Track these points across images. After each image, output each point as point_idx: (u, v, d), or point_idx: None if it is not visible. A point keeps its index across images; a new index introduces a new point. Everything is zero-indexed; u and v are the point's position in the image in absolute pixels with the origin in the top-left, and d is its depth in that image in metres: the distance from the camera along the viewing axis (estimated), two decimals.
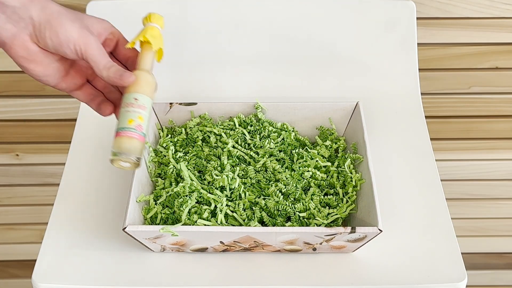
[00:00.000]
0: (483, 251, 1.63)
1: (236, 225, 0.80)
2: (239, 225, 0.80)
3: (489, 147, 1.41)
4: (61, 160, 1.41)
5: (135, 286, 0.79)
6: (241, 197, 0.83)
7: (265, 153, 0.89)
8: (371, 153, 0.87)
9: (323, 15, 1.06)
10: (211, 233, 0.76)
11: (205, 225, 0.79)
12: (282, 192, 0.83)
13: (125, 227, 0.75)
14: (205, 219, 0.79)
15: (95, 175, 0.93)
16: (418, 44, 1.07)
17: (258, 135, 0.92)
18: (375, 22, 1.06)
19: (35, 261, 0.81)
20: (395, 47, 1.06)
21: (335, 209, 0.82)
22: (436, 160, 0.95)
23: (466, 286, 0.79)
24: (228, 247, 0.80)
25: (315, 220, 0.80)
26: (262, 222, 0.81)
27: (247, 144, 0.91)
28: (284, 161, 0.89)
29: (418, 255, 0.82)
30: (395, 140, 0.98)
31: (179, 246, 0.80)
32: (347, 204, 0.82)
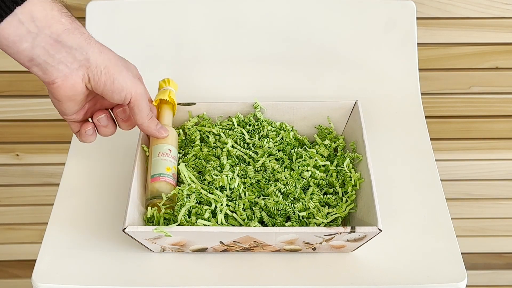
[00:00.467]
0: (483, 251, 1.63)
1: (236, 225, 0.80)
2: (239, 225, 0.80)
3: (489, 147, 1.41)
4: (61, 160, 1.41)
5: (135, 286, 0.79)
6: (241, 197, 0.83)
7: (264, 152, 0.89)
8: (370, 152, 0.87)
9: (322, 15, 1.06)
10: (211, 234, 0.76)
11: (205, 225, 0.78)
12: (281, 191, 0.83)
13: (125, 228, 0.75)
14: (206, 219, 0.79)
15: (95, 175, 0.93)
16: (418, 44, 1.07)
17: (257, 135, 0.92)
18: (375, 22, 1.06)
19: (35, 261, 0.81)
20: (395, 47, 1.06)
21: (334, 208, 0.82)
22: (436, 160, 0.95)
23: (466, 286, 0.79)
24: (228, 247, 0.80)
25: (315, 219, 0.80)
26: (262, 222, 0.81)
27: (246, 143, 0.91)
28: (283, 160, 0.89)
29: (418, 255, 0.82)
30: (395, 140, 0.98)
31: (179, 246, 0.80)
32: (346, 203, 0.82)
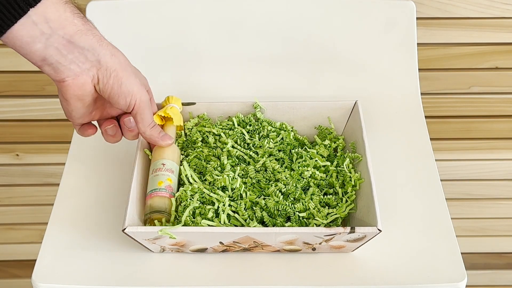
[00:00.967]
0: (483, 251, 1.63)
1: (238, 225, 0.80)
2: (241, 225, 0.80)
3: (489, 147, 1.41)
4: (61, 160, 1.41)
5: (135, 286, 0.79)
6: (242, 197, 0.83)
7: (264, 152, 0.88)
8: (370, 152, 0.87)
9: (322, 14, 1.06)
10: (211, 234, 0.76)
11: (209, 225, 0.79)
12: (282, 192, 0.83)
13: (125, 228, 0.75)
14: (209, 219, 0.79)
15: (95, 175, 0.93)
16: (418, 44, 1.07)
17: (257, 135, 0.92)
18: (375, 22, 1.06)
19: (35, 261, 0.81)
20: (395, 47, 1.06)
21: (334, 208, 0.82)
22: (436, 160, 0.95)
23: (466, 286, 0.79)
24: (227, 248, 0.80)
25: (315, 220, 0.80)
26: (262, 222, 0.81)
27: (246, 144, 0.91)
28: (283, 160, 0.88)
29: (418, 255, 0.82)
30: (395, 140, 0.98)
31: (179, 246, 0.80)
32: (346, 203, 0.82)
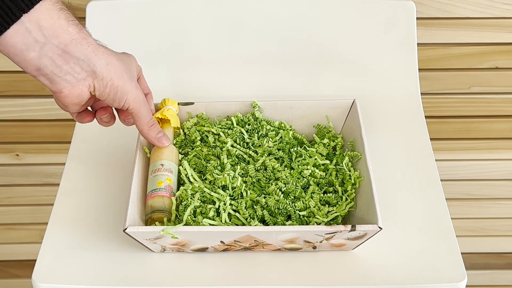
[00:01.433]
0: (483, 251, 1.63)
1: (238, 224, 0.80)
2: (242, 224, 0.80)
3: (489, 147, 1.41)
4: (61, 160, 1.41)
5: (135, 286, 0.79)
6: (242, 196, 0.83)
7: (263, 152, 0.89)
8: (370, 152, 0.87)
9: (322, 14, 1.06)
10: (212, 233, 0.76)
11: (211, 224, 0.79)
12: (282, 190, 0.83)
13: (126, 228, 0.75)
14: (210, 218, 0.80)
15: (95, 175, 0.93)
16: (418, 44, 1.07)
17: (256, 134, 0.92)
18: (375, 22, 1.06)
19: (35, 261, 0.81)
20: (395, 47, 1.06)
21: (334, 207, 0.82)
22: (436, 160, 0.95)
23: (466, 286, 0.79)
24: (228, 247, 0.80)
25: (315, 218, 0.80)
26: (263, 221, 0.81)
27: (246, 143, 0.91)
28: (283, 159, 0.89)
29: (418, 254, 0.82)
30: (395, 140, 0.98)
31: (180, 246, 0.80)
32: (346, 202, 0.82)
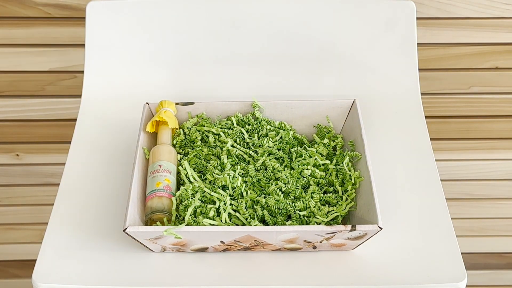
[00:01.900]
0: (483, 251, 1.63)
1: (239, 224, 0.80)
2: (242, 224, 0.80)
3: (489, 147, 1.41)
4: (61, 160, 1.41)
5: (135, 286, 0.79)
6: (242, 196, 0.83)
7: (264, 152, 0.88)
8: (370, 152, 0.87)
9: (322, 14, 1.06)
10: (212, 233, 0.76)
11: (211, 224, 0.79)
12: (282, 190, 0.83)
13: (126, 228, 0.75)
14: (211, 218, 0.79)
15: (95, 175, 0.93)
16: (418, 44, 1.07)
17: (256, 134, 0.92)
18: (375, 22, 1.06)
19: (35, 261, 0.81)
20: (395, 47, 1.06)
21: (334, 207, 0.82)
22: (436, 160, 0.95)
23: (466, 286, 0.79)
24: (228, 247, 0.80)
25: (315, 218, 0.80)
26: (263, 220, 0.81)
27: (246, 143, 0.91)
28: (283, 159, 0.89)
29: (418, 254, 0.82)
30: (395, 140, 0.98)
31: (180, 246, 0.80)
32: (346, 202, 0.82)
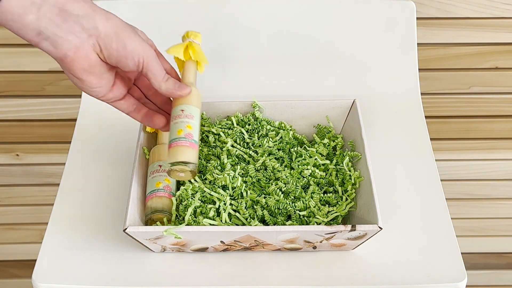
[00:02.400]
0: (483, 251, 1.63)
1: (239, 224, 0.80)
2: (242, 224, 0.80)
3: (489, 147, 1.41)
4: (61, 160, 1.41)
5: (135, 286, 0.79)
6: (242, 196, 0.83)
7: (264, 152, 0.89)
8: (370, 151, 0.87)
9: (323, 14, 1.06)
10: (212, 233, 0.76)
11: (211, 224, 0.79)
12: (282, 190, 0.83)
13: (126, 228, 0.75)
14: (211, 218, 0.79)
15: (95, 175, 0.93)
16: (418, 44, 1.07)
17: (256, 134, 0.92)
18: (375, 22, 1.06)
19: (35, 261, 0.81)
20: (395, 47, 1.06)
21: (334, 207, 0.82)
22: (436, 160, 0.95)
23: (466, 286, 0.79)
24: (228, 247, 0.80)
25: (315, 218, 0.80)
26: (263, 220, 0.81)
27: (246, 143, 0.91)
28: (283, 159, 0.89)
29: (418, 254, 0.82)
30: (395, 140, 0.98)
31: (180, 246, 0.80)
32: (346, 202, 0.82)
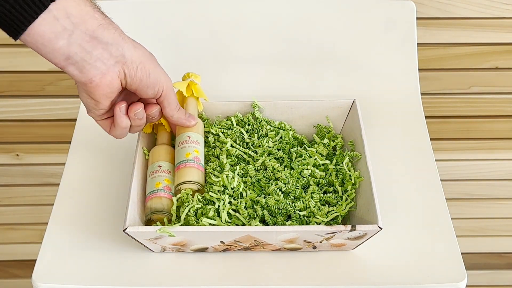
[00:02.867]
0: (483, 251, 1.63)
1: (239, 224, 0.80)
2: (242, 224, 0.80)
3: (489, 147, 1.41)
4: (61, 160, 1.41)
5: (135, 286, 0.79)
6: (242, 196, 0.83)
7: (263, 152, 0.89)
8: (370, 151, 0.87)
9: (322, 14, 1.06)
10: (212, 233, 0.76)
11: (210, 224, 0.79)
12: (282, 190, 0.83)
13: (126, 228, 0.75)
14: (210, 217, 0.79)
15: (95, 175, 0.93)
16: (418, 44, 1.07)
17: (256, 134, 0.92)
18: (375, 22, 1.06)
19: (35, 261, 0.81)
20: (395, 47, 1.06)
21: (334, 207, 0.82)
22: (436, 160, 0.95)
23: (466, 286, 0.79)
24: (228, 247, 0.80)
25: (315, 218, 0.80)
26: (263, 220, 0.81)
27: (245, 143, 0.91)
28: (283, 159, 0.89)
29: (418, 254, 0.82)
30: (395, 140, 0.98)
31: (180, 246, 0.80)
32: (346, 202, 0.82)
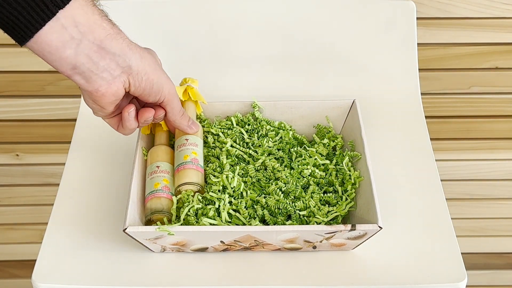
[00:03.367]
0: (483, 251, 1.63)
1: (239, 223, 0.80)
2: (242, 224, 0.80)
3: (489, 147, 1.41)
4: (61, 160, 1.41)
5: (135, 286, 0.79)
6: (242, 196, 0.83)
7: (263, 152, 0.89)
8: (370, 151, 0.87)
9: (322, 14, 1.06)
10: (212, 233, 0.76)
11: (211, 223, 0.79)
12: (282, 190, 0.83)
13: (126, 228, 0.75)
14: (210, 217, 0.79)
15: (95, 175, 0.93)
16: (418, 44, 1.07)
17: (256, 134, 0.92)
18: (375, 22, 1.06)
19: (35, 261, 0.81)
20: (395, 47, 1.06)
21: (334, 207, 0.82)
22: (436, 160, 0.95)
23: (466, 286, 0.79)
24: (228, 247, 0.80)
25: (315, 218, 0.80)
26: (263, 220, 0.81)
27: (245, 143, 0.91)
28: (283, 159, 0.89)
29: (418, 255, 0.82)
30: (395, 140, 0.98)
31: (180, 246, 0.80)
32: (346, 201, 0.82)
